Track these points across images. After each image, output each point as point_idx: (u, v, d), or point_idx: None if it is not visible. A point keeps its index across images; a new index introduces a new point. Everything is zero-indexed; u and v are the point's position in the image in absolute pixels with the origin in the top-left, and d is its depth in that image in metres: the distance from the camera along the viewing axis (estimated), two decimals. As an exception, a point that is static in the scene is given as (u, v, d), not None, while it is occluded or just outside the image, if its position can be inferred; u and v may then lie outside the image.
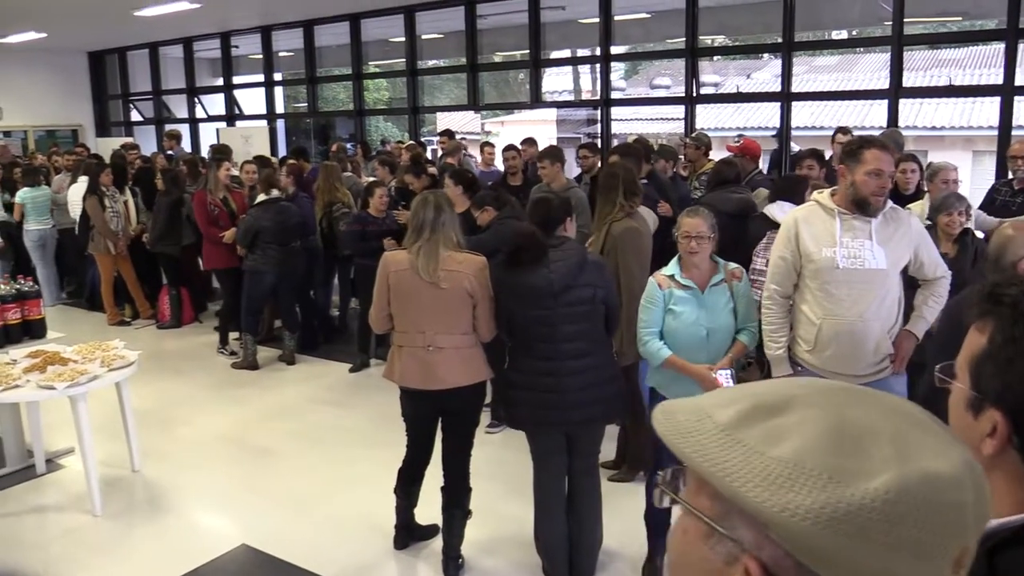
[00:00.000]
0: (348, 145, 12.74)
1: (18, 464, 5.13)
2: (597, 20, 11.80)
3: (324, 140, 16.26)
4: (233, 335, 7.68)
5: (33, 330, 5.11)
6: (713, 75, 20.21)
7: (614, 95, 11.19)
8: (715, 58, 21.42)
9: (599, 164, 7.20)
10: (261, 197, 6.92)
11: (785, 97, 9.04)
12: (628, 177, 4.46)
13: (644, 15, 12.35)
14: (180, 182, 8.49)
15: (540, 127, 19.03)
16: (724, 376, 3.44)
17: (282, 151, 13.85)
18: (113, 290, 8.96)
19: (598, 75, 20.56)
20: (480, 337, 3.73)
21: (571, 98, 18.85)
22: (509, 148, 7.17)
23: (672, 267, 3.59)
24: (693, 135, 7.19)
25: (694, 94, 9.66)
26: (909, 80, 9.56)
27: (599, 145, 9.33)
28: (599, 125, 10.49)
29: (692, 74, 9.54)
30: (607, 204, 4.39)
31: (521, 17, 11.67)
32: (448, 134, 10.41)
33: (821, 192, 3.50)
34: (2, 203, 9.82)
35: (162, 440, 5.58)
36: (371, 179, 9.21)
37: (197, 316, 8.96)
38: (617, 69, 19.72)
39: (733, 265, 3.65)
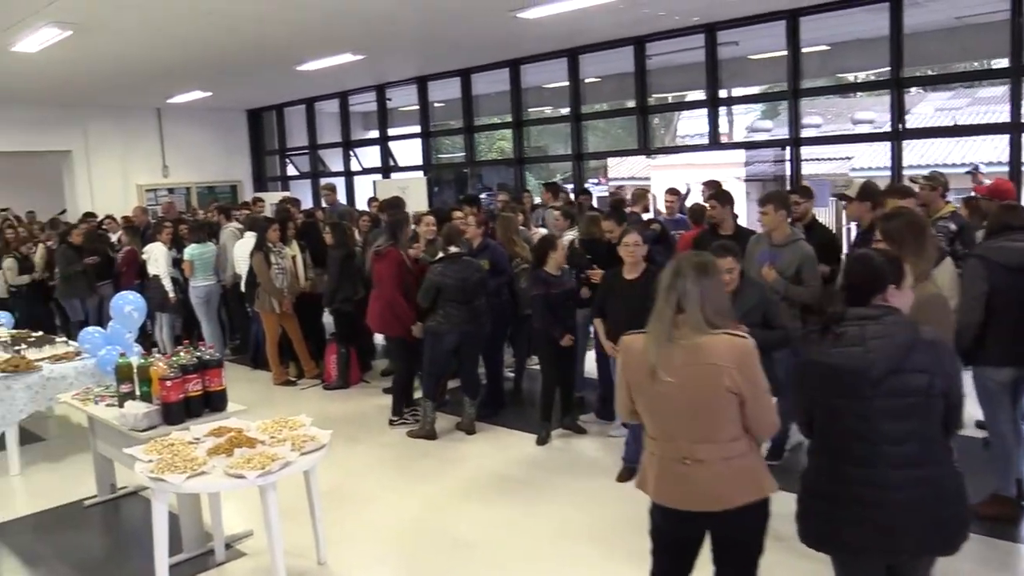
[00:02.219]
0: (484, 196, 12.34)
1: (196, 549, 4.66)
2: (770, 55, 11.03)
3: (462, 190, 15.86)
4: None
5: (214, 402, 4.67)
6: (816, 116, 18.65)
7: (756, 136, 10.26)
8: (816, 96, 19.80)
9: (812, 211, 6.36)
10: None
11: (1015, 128, 7.91)
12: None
13: (824, 47, 11.44)
14: (349, 236, 8.14)
15: (680, 171, 18.17)
16: None
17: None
18: (278, 348, 8.67)
19: (728, 116, 19.35)
20: (757, 438, 2.89)
21: (706, 141, 17.90)
22: (714, 196, 6.38)
23: None
24: (927, 175, 6.23)
25: (900, 128, 8.64)
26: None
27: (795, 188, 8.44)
28: (787, 165, 9.58)
29: (898, 107, 8.54)
30: (923, 261, 3.50)
31: (684, 56, 11.04)
32: (553, 188, 9.88)
33: None
34: (171, 259, 9.78)
35: (346, 523, 5.02)
36: (541, 230, 8.66)
37: (363, 376, 8.53)
38: (752, 110, 18.53)
39: None
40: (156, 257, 9.65)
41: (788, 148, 9.52)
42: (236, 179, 16.95)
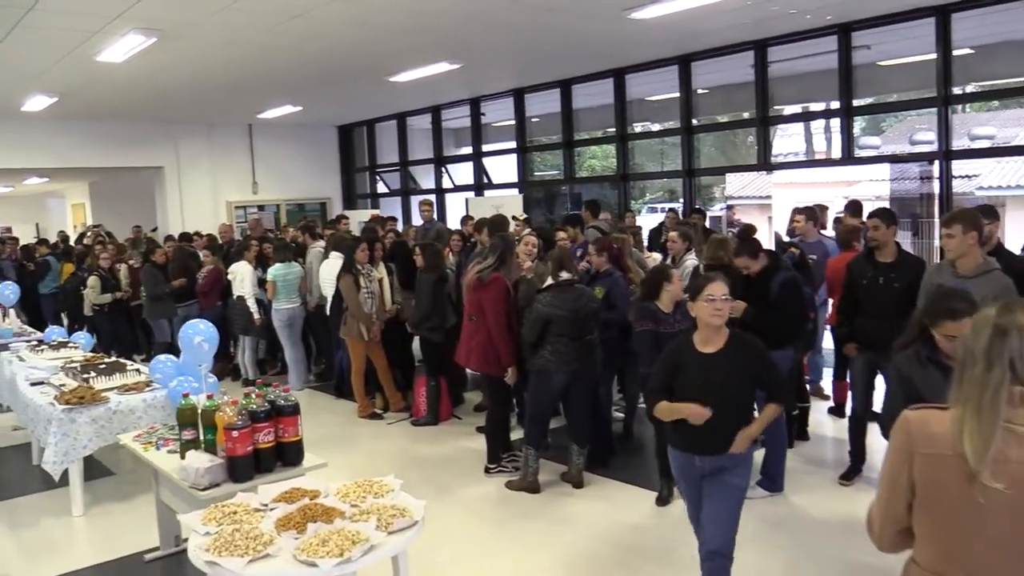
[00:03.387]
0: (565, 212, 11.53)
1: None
2: (906, 60, 9.93)
3: (551, 211, 15.05)
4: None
5: (288, 456, 3.95)
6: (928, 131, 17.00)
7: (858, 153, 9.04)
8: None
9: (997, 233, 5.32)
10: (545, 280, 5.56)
11: None
12: None
13: (967, 51, 10.25)
14: (442, 257, 7.44)
15: (796, 190, 16.91)
16: None
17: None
18: (364, 378, 8.00)
19: (825, 134, 17.90)
20: None
21: (804, 157, 16.53)
22: (873, 215, 5.36)
23: None
24: None
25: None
26: None
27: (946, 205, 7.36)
28: (936, 182, 8.46)
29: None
30: None
31: (799, 65, 10.05)
32: (593, 206, 8.82)
33: None
34: (256, 279, 9.30)
35: (437, 601, 4.24)
36: (655, 255, 7.81)
37: (454, 411, 7.78)
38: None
39: None
40: (242, 277, 9.17)
41: (937, 163, 8.36)
42: (325, 196, 16.59)
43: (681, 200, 10.99)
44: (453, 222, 12.70)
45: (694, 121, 10.67)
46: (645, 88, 11.86)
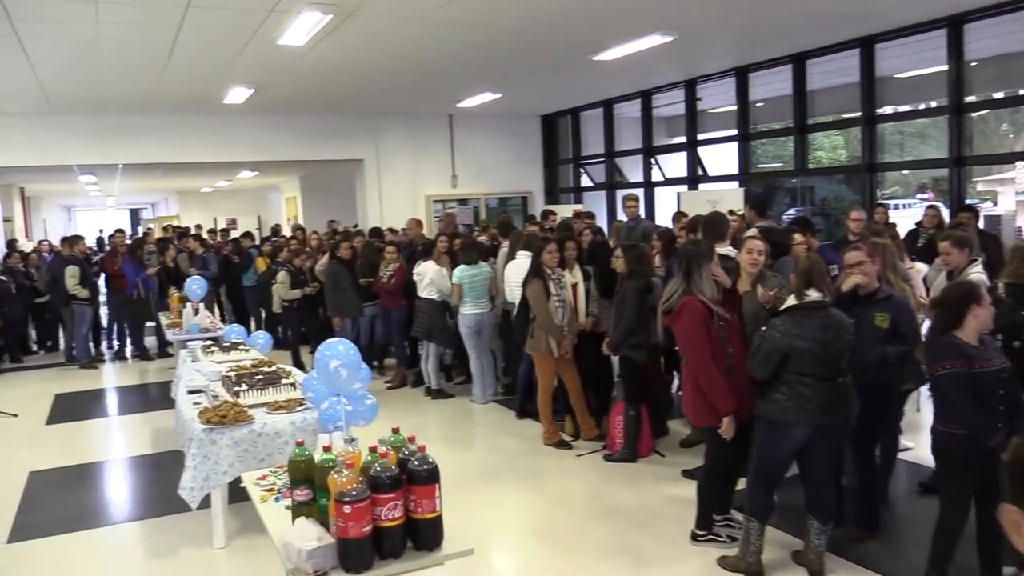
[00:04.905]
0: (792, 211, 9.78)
1: None
2: None
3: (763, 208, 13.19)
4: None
5: (421, 536, 2.90)
6: None
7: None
8: None
9: None
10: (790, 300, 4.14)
11: None
12: None
13: None
14: (648, 261, 6.20)
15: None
16: None
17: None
18: (552, 398, 6.92)
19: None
20: None
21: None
22: None
23: None
24: None
25: None
26: None
27: None
28: None
29: None
30: None
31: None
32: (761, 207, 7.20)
33: None
34: (446, 278, 8.49)
35: None
36: (920, 266, 6.16)
37: (655, 446, 6.52)
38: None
39: None
40: (431, 278, 8.41)
41: None
42: (527, 190, 15.73)
43: (927, 194, 9.06)
44: (663, 219, 11.39)
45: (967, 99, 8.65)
46: (892, 63, 9.96)
